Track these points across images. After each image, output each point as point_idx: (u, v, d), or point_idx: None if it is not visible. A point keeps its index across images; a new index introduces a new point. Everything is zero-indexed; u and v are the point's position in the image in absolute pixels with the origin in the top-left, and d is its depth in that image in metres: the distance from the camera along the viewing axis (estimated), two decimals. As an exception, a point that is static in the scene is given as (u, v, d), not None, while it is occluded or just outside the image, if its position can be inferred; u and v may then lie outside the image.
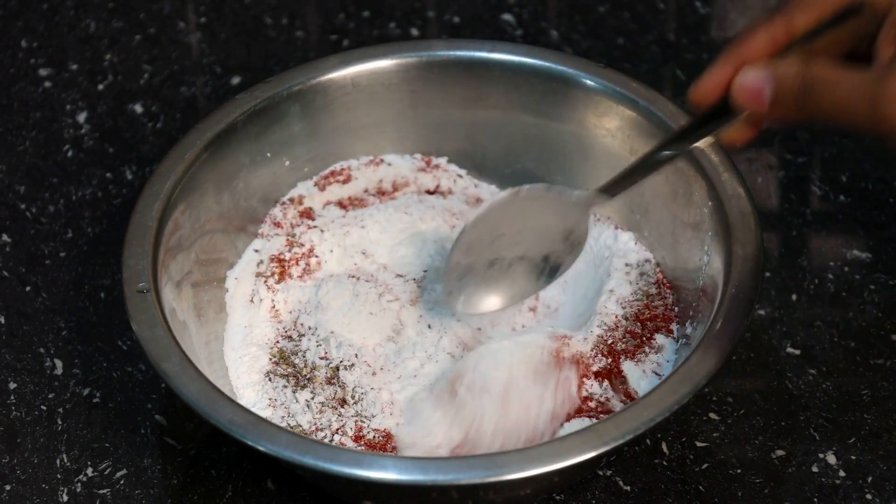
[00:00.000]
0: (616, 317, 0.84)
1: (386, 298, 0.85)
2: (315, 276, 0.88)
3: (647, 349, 0.83)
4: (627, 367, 0.82)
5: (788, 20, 0.73)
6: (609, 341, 0.83)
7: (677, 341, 0.84)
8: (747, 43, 0.73)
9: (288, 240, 0.89)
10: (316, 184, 0.92)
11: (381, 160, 0.93)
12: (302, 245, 0.89)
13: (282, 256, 0.88)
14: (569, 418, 0.80)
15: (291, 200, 0.92)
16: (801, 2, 0.73)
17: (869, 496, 0.81)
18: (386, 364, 0.83)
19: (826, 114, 0.70)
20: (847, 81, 0.69)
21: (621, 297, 0.85)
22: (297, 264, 0.88)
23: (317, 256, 0.89)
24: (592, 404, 0.81)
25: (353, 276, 0.87)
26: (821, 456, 0.83)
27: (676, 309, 0.85)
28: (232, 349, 0.85)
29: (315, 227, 0.90)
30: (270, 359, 0.84)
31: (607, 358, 0.82)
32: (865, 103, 0.68)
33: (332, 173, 0.93)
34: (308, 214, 0.91)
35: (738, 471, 0.82)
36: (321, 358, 0.83)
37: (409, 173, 0.93)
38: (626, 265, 0.87)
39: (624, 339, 0.83)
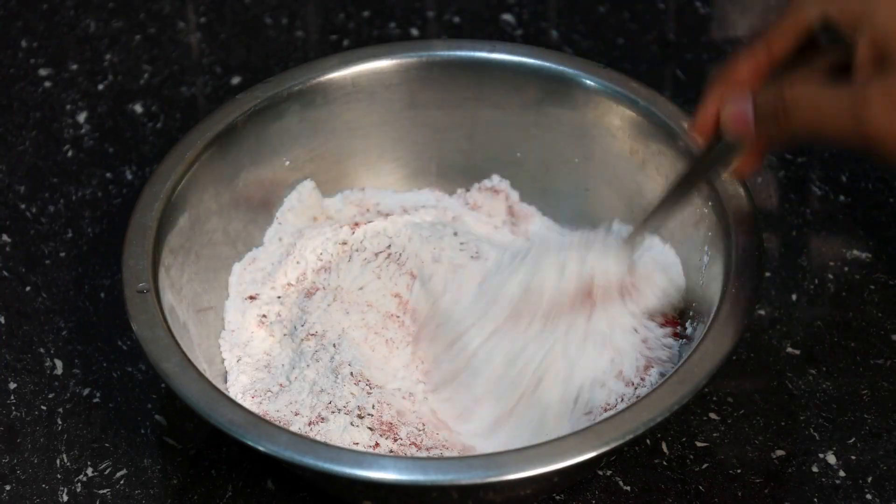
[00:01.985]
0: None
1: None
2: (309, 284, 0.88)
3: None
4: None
5: (767, 47, 0.75)
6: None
7: (678, 341, 0.84)
8: (732, 73, 0.76)
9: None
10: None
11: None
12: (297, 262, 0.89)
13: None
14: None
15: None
16: (778, 29, 0.75)
17: (869, 496, 0.81)
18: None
19: (810, 131, 0.72)
20: (826, 99, 0.71)
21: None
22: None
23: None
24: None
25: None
26: (821, 456, 0.83)
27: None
28: (230, 349, 0.86)
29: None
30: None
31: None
32: (848, 118, 0.71)
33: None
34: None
35: (738, 471, 0.82)
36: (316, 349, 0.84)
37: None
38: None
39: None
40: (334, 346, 0.83)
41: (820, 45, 0.74)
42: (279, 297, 0.88)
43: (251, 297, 0.87)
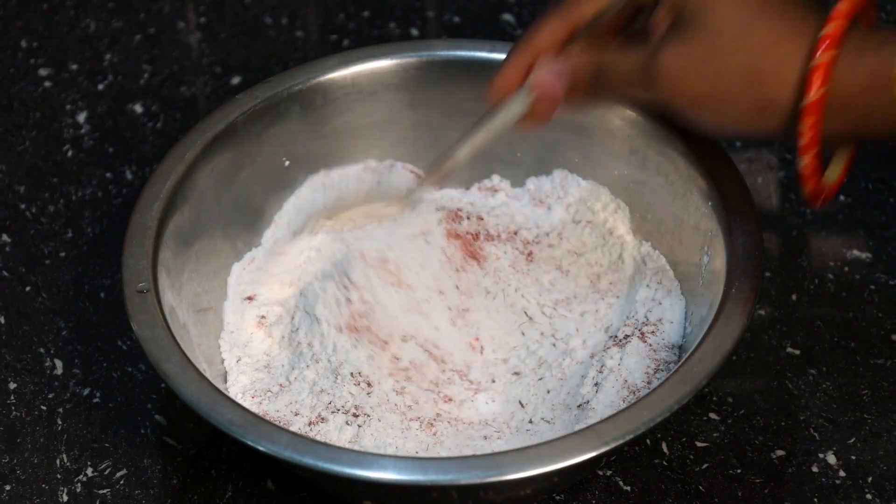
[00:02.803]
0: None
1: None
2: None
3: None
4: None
5: (577, 10, 0.78)
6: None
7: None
8: (538, 35, 0.79)
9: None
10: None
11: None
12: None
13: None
14: None
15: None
16: None
17: (869, 496, 0.81)
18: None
19: (614, 94, 0.77)
20: (627, 61, 0.76)
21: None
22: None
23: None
24: None
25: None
26: (821, 456, 0.83)
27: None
28: (229, 350, 0.85)
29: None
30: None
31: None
32: (643, 78, 0.74)
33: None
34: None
35: (738, 471, 0.82)
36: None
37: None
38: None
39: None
40: (334, 345, 0.83)
41: (620, 12, 0.78)
42: (278, 298, 0.87)
43: (249, 298, 0.87)
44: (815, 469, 0.82)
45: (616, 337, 0.84)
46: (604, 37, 0.78)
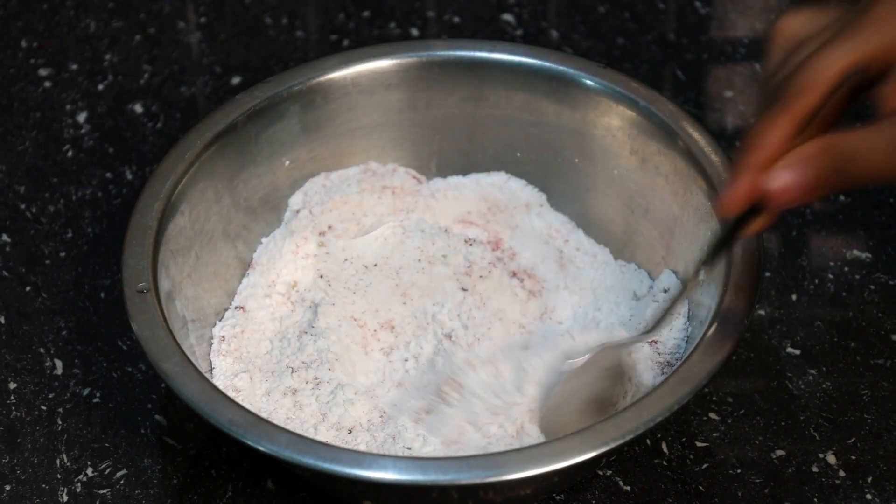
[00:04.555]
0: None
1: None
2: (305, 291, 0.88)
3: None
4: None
5: (802, 99, 0.71)
6: None
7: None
8: (765, 139, 0.71)
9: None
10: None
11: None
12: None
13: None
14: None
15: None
16: (796, 89, 0.71)
17: (869, 496, 0.81)
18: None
19: (866, 177, 0.69)
20: (874, 139, 0.69)
21: None
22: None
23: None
24: None
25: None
26: (821, 456, 0.83)
27: None
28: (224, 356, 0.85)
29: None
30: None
31: None
32: (892, 150, 0.68)
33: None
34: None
35: (738, 471, 0.82)
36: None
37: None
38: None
39: None
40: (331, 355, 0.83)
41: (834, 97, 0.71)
42: (272, 308, 0.87)
43: (241, 308, 0.87)
44: (815, 469, 0.82)
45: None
46: (826, 124, 0.71)
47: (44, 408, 0.86)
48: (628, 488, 0.82)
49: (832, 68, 0.70)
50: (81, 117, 1.05)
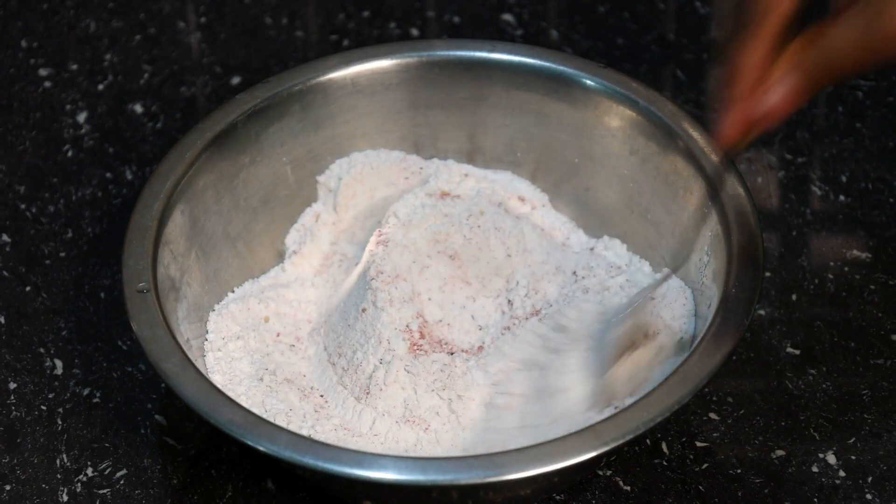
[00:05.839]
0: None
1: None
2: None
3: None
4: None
5: (763, 30, 0.72)
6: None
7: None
8: (744, 63, 0.72)
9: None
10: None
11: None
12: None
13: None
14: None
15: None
16: (763, 7, 0.72)
17: (869, 496, 0.81)
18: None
19: (850, 70, 0.70)
20: (846, 33, 0.69)
21: None
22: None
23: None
24: None
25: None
26: (821, 456, 0.83)
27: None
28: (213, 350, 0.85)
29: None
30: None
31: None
32: (873, 45, 0.68)
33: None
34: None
35: (738, 471, 0.82)
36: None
37: None
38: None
39: None
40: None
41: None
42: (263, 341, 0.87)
43: (230, 338, 0.87)
44: (815, 469, 0.82)
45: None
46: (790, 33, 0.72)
47: (44, 408, 0.86)
48: (628, 488, 0.82)
49: None
50: (81, 117, 1.05)
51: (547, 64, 0.91)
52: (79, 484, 0.82)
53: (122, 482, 0.83)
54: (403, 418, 0.81)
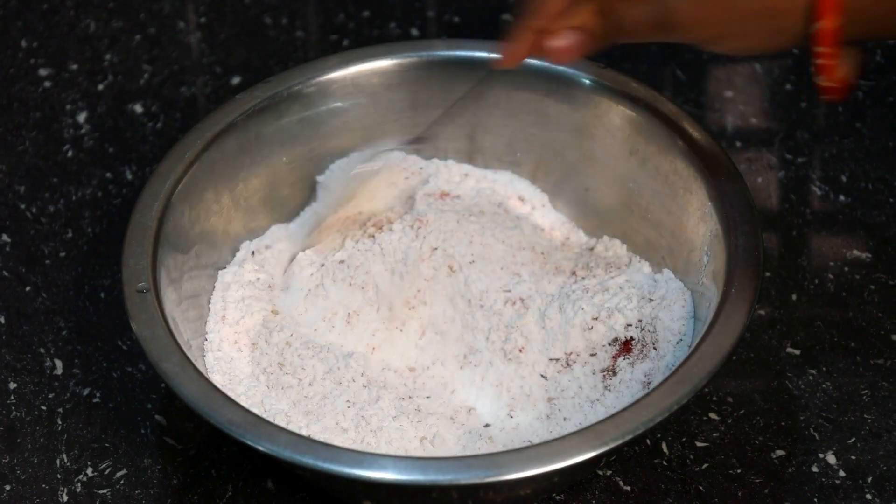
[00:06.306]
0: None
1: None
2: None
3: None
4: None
5: None
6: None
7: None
8: (541, 14, 0.79)
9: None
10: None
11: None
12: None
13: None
14: None
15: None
16: None
17: (869, 496, 0.81)
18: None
19: (629, 39, 0.79)
20: (638, 12, 0.77)
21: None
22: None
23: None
24: None
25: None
26: (821, 456, 0.83)
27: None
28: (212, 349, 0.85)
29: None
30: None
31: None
32: (658, 25, 0.77)
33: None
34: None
35: (738, 471, 0.82)
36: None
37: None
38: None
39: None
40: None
41: None
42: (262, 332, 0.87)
43: (230, 321, 0.87)
44: (815, 469, 0.82)
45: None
46: None
47: (44, 408, 0.86)
48: (628, 488, 0.82)
49: None
50: (81, 117, 1.05)
51: (547, 64, 0.91)
52: (79, 484, 0.82)
53: (122, 482, 0.83)
54: (403, 418, 0.81)
